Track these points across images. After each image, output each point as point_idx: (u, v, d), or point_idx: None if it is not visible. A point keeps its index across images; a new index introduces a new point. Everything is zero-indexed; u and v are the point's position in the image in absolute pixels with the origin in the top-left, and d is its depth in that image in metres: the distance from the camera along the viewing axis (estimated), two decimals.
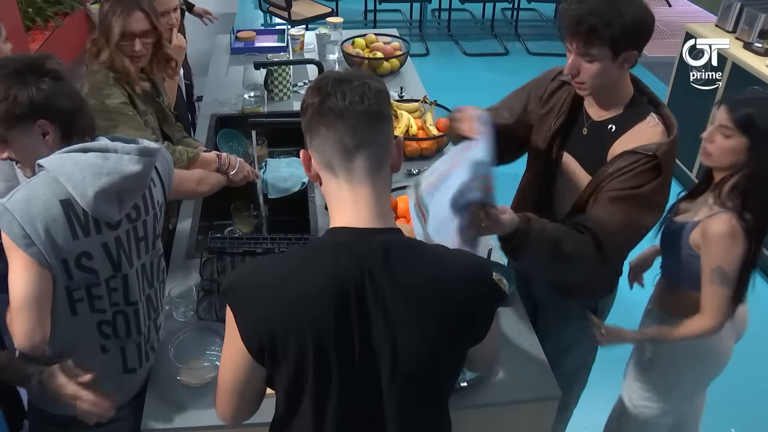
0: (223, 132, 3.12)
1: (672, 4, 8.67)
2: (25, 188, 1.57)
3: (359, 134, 1.24)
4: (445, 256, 1.32)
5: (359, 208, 1.27)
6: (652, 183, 1.83)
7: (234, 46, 4.16)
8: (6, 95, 1.55)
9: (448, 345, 1.31)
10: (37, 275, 1.57)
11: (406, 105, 3.25)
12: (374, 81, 1.28)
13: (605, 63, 1.81)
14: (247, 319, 1.26)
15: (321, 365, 1.25)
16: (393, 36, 4.23)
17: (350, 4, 7.92)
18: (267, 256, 1.66)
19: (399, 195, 2.56)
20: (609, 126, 1.95)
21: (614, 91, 1.93)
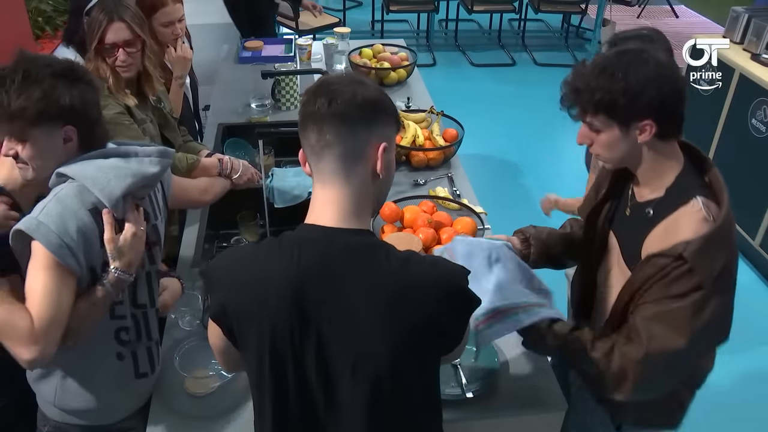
0: (230, 141, 3.13)
1: (679, 15, 8.67)
2: (55, 201, 1.55)
3: (323, 136, 1.28)
4: (413, 261, 1.28)
5: (327, 207, 1.31)
6: (690, 297, 1.51)
7: (241, 56, 4.18)
8: (48, 93, 1.52)
9: (412, 350, 1.28)
10: (70, 290, 1.55)
11: (413, 115, 3.25)
12: (358, 85, 1.30)
13: (613, 134, 1.60)
14: (216, 302, 1.31)
15: (277, 358, 1.27)
16: (400, 46, 4.24)
17: (358, 14, 7.98)
18: (242, 247, 1.67)
19: (405, 205, 2.56)
20: (647, 210, 1.68)
21: (649, 168, 1.66)
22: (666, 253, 1.53)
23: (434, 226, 2.42)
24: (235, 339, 1.32)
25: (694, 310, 1.51)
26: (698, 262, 1.49)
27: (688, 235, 1.52)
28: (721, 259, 1.51)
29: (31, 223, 1.51)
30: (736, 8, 4.55)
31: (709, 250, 1.50)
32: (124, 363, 1.78)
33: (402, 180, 2.95)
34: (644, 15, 8.65)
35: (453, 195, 2.81)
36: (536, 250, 2.05)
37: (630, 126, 1.58)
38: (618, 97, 1.54)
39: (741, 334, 1.69)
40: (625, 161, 1.67)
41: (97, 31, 2.23)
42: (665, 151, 1.63)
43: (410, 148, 3.00)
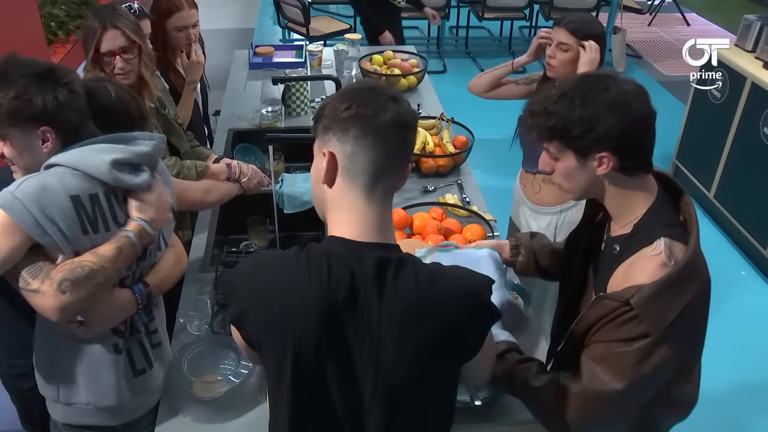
0: (240, 146, 3.13)
1: (690, 23, 8.65)
2: (36, 177, 1.57)
3: (384, 149, 1.25)
4: (439, 273, 1.28)
5: (366, 223, 1.28)
6: (637, 343, 1.44)
7: (252, 61, 4.19)
8: (21, 94, 1.55)
9: (435, 364, 1.28)
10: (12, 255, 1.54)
11: (423, 122, 3.25)
12: (404, 100, 1.30)
13: (570, 163, 1.53)
14: (238, 310, 1.28)
15: (298, 374, 1.25)
16: (410, 53, 4.25)
17: None
18: (268, 253, 1.66)
19: (415, 212, 2.56)
20: (614, 246, 1.60)
21: (615, 203, 1.58)
22: (615, 297, 1.46)
23: (443, 233, 2.41)
24: (253, 344, 1.30)
25: (640, 357, 1.44)
26: (645, 311, 1.41)
27: (643, 279, 1.44)
28: (675, 307, 1.42)
29: (6, 199, 1.52)
30: (749, 16, 4.54)
31: (660, 297, 1.42)
32: (120, 358, 1.78)
33: (411, 187, 2.95)
34: (655, 23, 8.65)
35: (462, 202, 2.80)
36: (524, 259, 2.03)
37: (587, 156, 1.50)
38: (572, 126, 1.47)
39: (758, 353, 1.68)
40: (588, 193, 1.60)
41: (92, 41, 2.23)
42: (631, 185, 1.54)
43: (420, 155, 3.00)
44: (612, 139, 1.45)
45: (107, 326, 1.73)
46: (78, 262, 1.57)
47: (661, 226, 1.51)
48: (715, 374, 3.34)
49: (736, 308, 3.96)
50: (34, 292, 1.54)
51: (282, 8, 6.59)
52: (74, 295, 1.54)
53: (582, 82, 1.50)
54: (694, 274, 1.46)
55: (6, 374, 2.05)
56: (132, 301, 1.75)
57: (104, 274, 1.60)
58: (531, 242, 2.06)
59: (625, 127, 1.45)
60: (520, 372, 1.66)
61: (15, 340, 1.93)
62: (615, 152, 1.47)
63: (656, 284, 1.42)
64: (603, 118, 1.44)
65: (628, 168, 1.50)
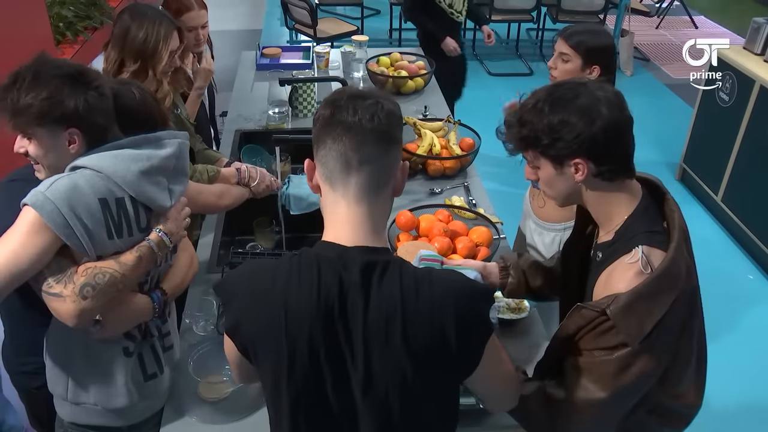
0: (246, 147, 3.14)
1: (698, 25, 8.63)
2: (67, 178, 1.57)
3: (363, 151, 1.24)
4: (427, 279, 1.25)
5: (350, 225, 1.28)
6: (617, 352, 1.43)
7: (259, 63, 4.20)
8: (54, 95, 1.56)
9: (423, 372, 1.25)
10: (43, 253, 1.54)
11: (430, 124, 3.24)
12: (388, 102, 1.28)
13: (548, 171, 1.54)
14: (231, 319, 1.29)
15: (294, 378, 1.25)
16: (418, 55, 4.24)
17: (375, 22, 8.00)
18: (261, 261, 1.69)
19: (421, 214, 2.56)
20: (598, 253, 1.61)
21: (596, 209, 1.58)
22: (592, 307, 1.46)
23: (450, 235, 2.41)
24: (249, 354, 1.30)
25: (620, 367, 1.43)
26: (621, 321, 1.40)
27: (621, 287, 1.43)
28: (652, 317, 1.41)
29: (38, 198, 1.53)
30: (757, 19, 4.52)
31: (636, 307, 1.40)
32: (131, 361, 1.79)
33: (418, 189, 2.95)
34: (663, 25, 8.63)
35: (469, 204, 2.80)
36: (514, 281, 1.99)
37: (563, 164, 1.50)
38: (541, 134, 1.48)
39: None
40: (571, 199, 1.60)
41: (164, 46, 2.25)
42: (612, 190, 1.53)
43: (427, 157, 3.00)
44: (582, 145, 1.45)
45: (122, 330, 1.74)
46: (100, 267, 1.58)
47: (642, 233, 1.50)
48: (723, 378, 3.34)
49: (744, 312, 3.95)
50: (56, 296, 1.55)
51: (289, 10, 6.61)
52: (94, 301, 1.56)
53: (553, 91, 1.51)
54: (673, 282, 1.44)
55: (16, 371, 2.05)
56: (149, 309, 1.76)
57: (124, 281, 1.61)
58: (519, 262, 2.02)
59: (594, 134, 1.44)
60: None
61: (27, 337, 1.93)
62: (589, 158, 1.48)
63: (631, 294, 1.41)
64: (571, 125, 1.45)
65: (605, 173, 1.50)
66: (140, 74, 2.26)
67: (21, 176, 1.76)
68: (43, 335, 1.80)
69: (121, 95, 1.74)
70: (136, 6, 2.35)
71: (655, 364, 1.46)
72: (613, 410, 1.54)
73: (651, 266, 1.44)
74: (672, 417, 1.67)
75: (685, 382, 1.61)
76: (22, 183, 1.68)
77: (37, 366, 1.85)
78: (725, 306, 3.95)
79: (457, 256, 2.36)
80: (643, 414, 1.60)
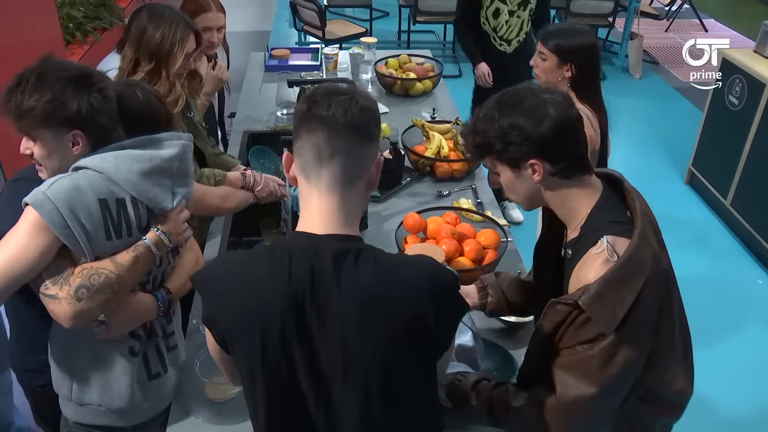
0: (254, 149, 3.14)
1: (708, 29, 8.60)
2: (68, 178, 1.58)
3: (335, 143, 1.27)
4: (400, 264, 1.31)
5: (322, 215, 1.30)
6: (598, 344, 1.45)
7: (268, 64, 4.21)
8: (57, 97, 1.57)
9: (402, 357, 1.27)
10: (44, 254, 1.54)
11: (438, 126, 3.24)
12: (364, 98, 1.31)
13: (507, 176, 1.58)
14: (209, 311, 1.30)
15: (267, 368, 1.26)
16: (426, 57, 4.24)
17: (384, 24, 8.01)
18: (237, 253, 1.70)
19: (429, 216, 2.55)
20: (567, 251, 1.63)
21: (560, 207, 1.61)
22: (564, 301, 1.48)
23: (457, 238, 2.41)
24: (226, 346, 1.31)
25: (604, 359, 1.44)
26: (594, 310, 1.43)
27: (590, 279, 1.46)
28: (625, 302, 1.42)
29: (38, 197, 1.53)
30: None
31: (607, 295, 1.42)
32: (136, 360, 1.79)
33: (426, 191, 2.95)
34: (672, 28, 8.60)
35: (476, 207, 2.79)
36: (494, 300, 2.03)
37: (519, 166, 1.55)
38: (493, 141, 1.53)
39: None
40: (534, 201, 1.63)
41: (179, 48, 2.25)
42: (571, 187, 1.57)
43: (435, 159, 3.00)
44: (533, 146, 1.50)
45: (126, 329, 1.75)
46: (96, 268, 1.58)
47: (605, 224, 1.53)
48: (732, 382, 3.33)
49: (754, 317, 3.93)
50: (52, 297, 1.56)
51: (298, 11, 6.62)
52: (89, 303, 1.56)
53: (501, 98, 1.56)
54: (640, 266, 1.46)
55: (21, 369, 2.06)
56: (154, 308, 1.77)
57: (120, 282, 1.61)
58: (497, 281, 2.06)
59: (543, 133, 1.49)
60: (498, 396, 1.66)
61: (31, 336, 1.94)
62: (543, 158, 1.52)
63: (600, 282, 1.43)
64: (520, 128, 1.50)
65: (562, 171, 1.54)
66: (154, 75, 2.26)
67: (25, 176, 1.77)
68: (46, 334, 1.81)
69: (125, 97, 1.74)
70: (154, 6, 2.36)
71: (638, 350, 1.48)
72: (605, 403, 1.54)
73: (617, 254, 1.47)
74: (664, 405, 1.68)
75: (672, 369, 1.63)
76: (25, 183, 1.68)
77: (42, 364, 1.86)
78: (734, 310, 3.94)
79: (465, 258, 2.36)
80: (635, 401, 1.61)
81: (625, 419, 1.63)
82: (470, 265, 2.33)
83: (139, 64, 2.26)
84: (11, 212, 1.59)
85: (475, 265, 2.35)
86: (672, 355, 1.61)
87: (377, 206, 2.81)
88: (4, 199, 1.77)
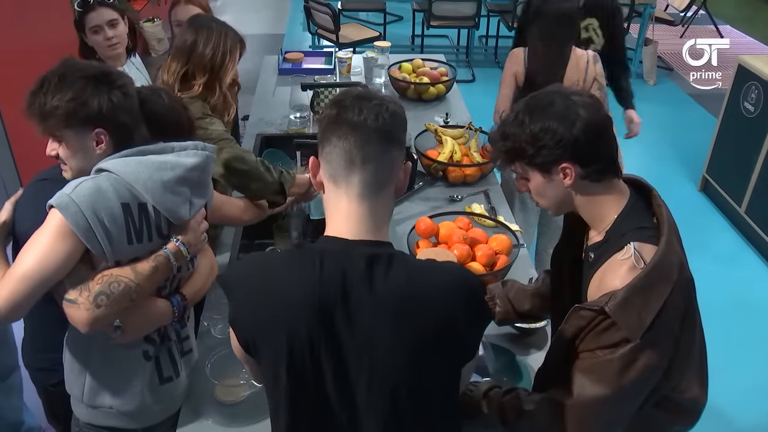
0: (267, 152, 3.14)
1: (724, 35, 8.55)
2: (91, 182, 1.59)
3: (366, 150, 1.27)
4: (431, 269, 1.30)
5: (352, 220, 1.30)
6: (620, 349, 1.44)
7: (282, 67, 4.22)
8: (78, 95, 1.59)
9: (431, 361, 1.27)
10: (67, 260, 1.55)
11: (451, 131, 3.24)
12: (393, 104, 1.31)
13: (537, 181, 1.57)
14: (234, 311, 1.31)
15: (294, 371, 1.26)
16: (440, 61, 4.24)
17: (398, 28, 8.01)
18: (264, 254, 1.69)
19: (441, 221, 2.55)
20: (590, 254, 1.62)
21: (587, 211, 1.60)
22: (589, 307, 1.47)
23: (469, 243, 2.40)
24: (250, 348, 1.31)
25: (624, 363, 1.44)
26: (621, 316, 1.42)
27: (616, 284, 1.45)
28: (651, 309, 1.42)
29: (63, 200, 1.54)
30: None
31: (634, 301, 1.42)
32: (149, 364, 1.80)
33: (438, 195, 2.94)
34: (688, 35, 8.55)
35: (489, 212, 2.79)
36: (502, 310, 2.03)
37: (550, 171, 1.54)
38: (525, 145, 1.52)
39: None
40: (564, 206, 1.62)
41: (230, 59, 2.28)
42: (601, 191, 1.56)
43: (447, 164, 2.99)
44: (566, 148, 1.49)
45: (141, 334, 1.75)
46: (116, 275, 1.59)
47: (632, 230, 1.52)
48: (747, 392, 3.30)
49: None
50: (71, 302, 1.57)
51: (312, 15, 6.63)
52: (107, 309, 1.57)
53: (530, 101, 1.55)
54: (667, 273, 1.46)
55: (34, 367, 2.08)
56: (169, 313, 1.77)
57: (139, 291, 1.62)
58: (504, 290, 2.06)
59: (575, 135, 1.48)
60: (509, 402, 1.66)
61: (46, 335, 1.95)
62: (574, 161, 1.51)
63: (627, 289, 1.42)
64: (552, 131, 1.49)
65: (593, 174, 1.53)
66: (210, 87, 2.28)
67: (49, 176, 1.78)
68: (61, 334, 1.81)
69: (149, 100, 1.76)
70: (200, 18, 2.37)
71: (660, 357, 1.47)
72: (622, 407, 1.54)
73: (644, 260, 1.46)
74: (680, 412, 1.67)
75: (688, 376, 1.62)
76: (49, 183, 1.70)
77: (55, 363, 1.87)
78: (748, 319, 3.90)
79: (477, 263, 2.35)
80: (650, 408, 1.60)
81: (640, 425, 1.62)
82: (482, 271, 2.32)
83: (194, 78, 2.27)
84: (34, 210, 1.62)
85: (487, 270, 2.34)
86: (689, 363, 1.60)
87: None
88: (27, 197, 1.79)
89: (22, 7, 3.66)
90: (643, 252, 1.48)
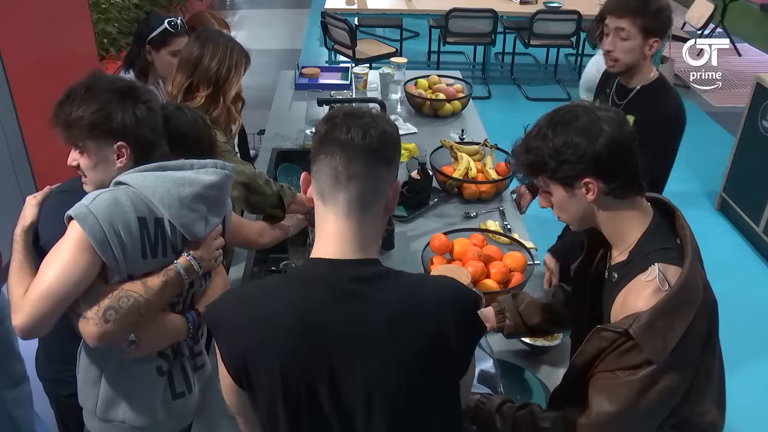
0: (283, 166, 3.16)
1: (742, 53, 8.52)
2: (109, 193, 1.60)
3: (352, 168, 1.26)
4: (422, 285, 1.29)
5: (339, 239, 1.28)
6: (641, 371, 1.42)
7: (298, 82, 4.24)
8: (104, 107, 1.62)
9: (425, 377, 1.26)
10: (87, 275, 1.56)
11: (467, 147, 3.24)
12: (384, 122, 1.31)
13: (560, 195, 1.55)
14: (222, 345, 1.28)
15: (290, 399, 1.24)
16: (456, 78, 4.24)
17: (414, 44, 8.04)
18: (249, 285, 1.67)
19: (456, 237, 2.54)
20: (613, 274, 1.60)
21: (610, 229, 1.58)
22: (613, 328, 1.45)
23: (484, 260, 2.39)
24: (242, 381, 1.27)
25: (644, 385, 1.42)
26: (645, 339, 1.40)
27: (640, 306, 1.43)
28: (676, 332, 1.41)
29: (81, 211, 1.55)
30: None
31: (659, 324, 1.40)
32: (162, 380, 1.80)
33: (453, 212, 2.94)
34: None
35: (504, 229, 2.78)
36: (511, 323, 2.01)
37: (573, 185, 1.52)
38: (547, 159, 1.50)
39: None
40: (585, 222, 1.59)
41: (235, 74, 2.30)
42: (624, 208, 1.54)
43: (462, 180, 2.99)
44: (589, 163, 1.47)
45: (155, 349, 1.76)
46: (126, 291, 1.59)
47: (656, 250, 1.50)
48: (764, 413, 3.25)
49: None
50: (80, 316, 1.57)
51: (329, 30, 6.67)
52: (116, 325, 1.57)
53: (554, 115, 1.54)
54: (692, 296, 1.44)
55: (47, 378, 2.08)
56: (184, 329, 1.78)
57: (148, 306, 1.62)
58: (515, 303, 2.04)
59: (598, 150, 1.46)
60: (523, 418, 1.64)
61: (59, 346, 1.95)
62: (598, 176, 1.49)
63: (652, 311, 1.41)
64: (575, 145, 1.47)
65: (616, 190, 1.51)
66: (212, 100, 2.30)
67: (69, 188, 1.80)
68: (75, 345, 1.82)
69: (173, 117, 1.78)
70: (207, 31, 2.39)
71: (681, 379, 1.45)
72: (639, 428, 1.52)
73: (668, 283, 1.44)
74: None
75: (707, 398, 1.59)
76: (68, 194, 1.72)
77: (69, 374, 1.87)
78: (766, 341, 3.86)
79: (491, 280, 2.34)
80: (668, 430, 1.57)
81: None
82: (496, 288, 2.31)
83: (198, 90, 2.29)
84: (55, 221, 1.64)
85: (501, 287, 2.33)
86: (709, 386, 1.57)
87: (404, 226, 2.81)
88: (48, 208, 1.80)
89: (40, 23, 3.71)
90: (668, 274, 1.46)
